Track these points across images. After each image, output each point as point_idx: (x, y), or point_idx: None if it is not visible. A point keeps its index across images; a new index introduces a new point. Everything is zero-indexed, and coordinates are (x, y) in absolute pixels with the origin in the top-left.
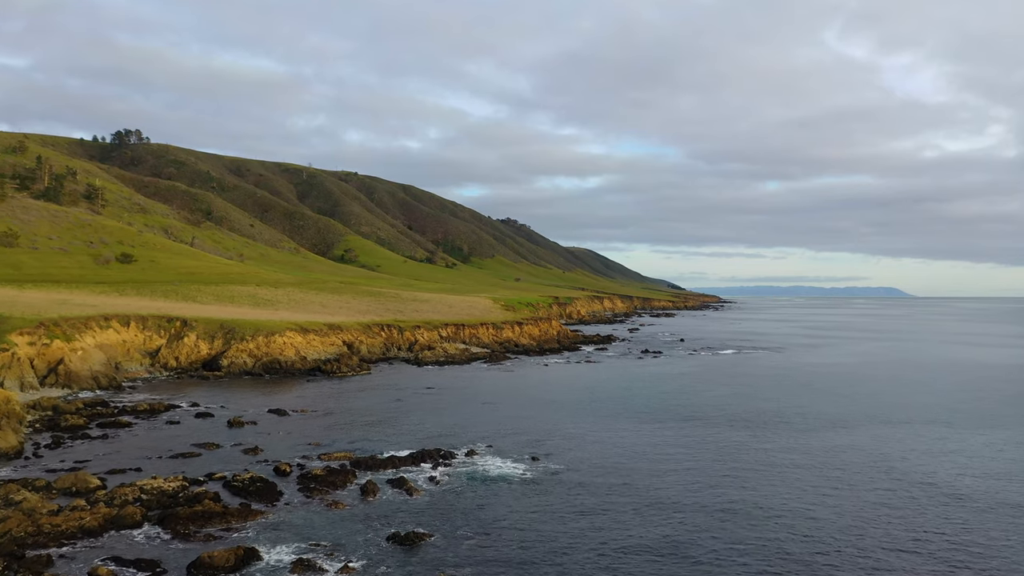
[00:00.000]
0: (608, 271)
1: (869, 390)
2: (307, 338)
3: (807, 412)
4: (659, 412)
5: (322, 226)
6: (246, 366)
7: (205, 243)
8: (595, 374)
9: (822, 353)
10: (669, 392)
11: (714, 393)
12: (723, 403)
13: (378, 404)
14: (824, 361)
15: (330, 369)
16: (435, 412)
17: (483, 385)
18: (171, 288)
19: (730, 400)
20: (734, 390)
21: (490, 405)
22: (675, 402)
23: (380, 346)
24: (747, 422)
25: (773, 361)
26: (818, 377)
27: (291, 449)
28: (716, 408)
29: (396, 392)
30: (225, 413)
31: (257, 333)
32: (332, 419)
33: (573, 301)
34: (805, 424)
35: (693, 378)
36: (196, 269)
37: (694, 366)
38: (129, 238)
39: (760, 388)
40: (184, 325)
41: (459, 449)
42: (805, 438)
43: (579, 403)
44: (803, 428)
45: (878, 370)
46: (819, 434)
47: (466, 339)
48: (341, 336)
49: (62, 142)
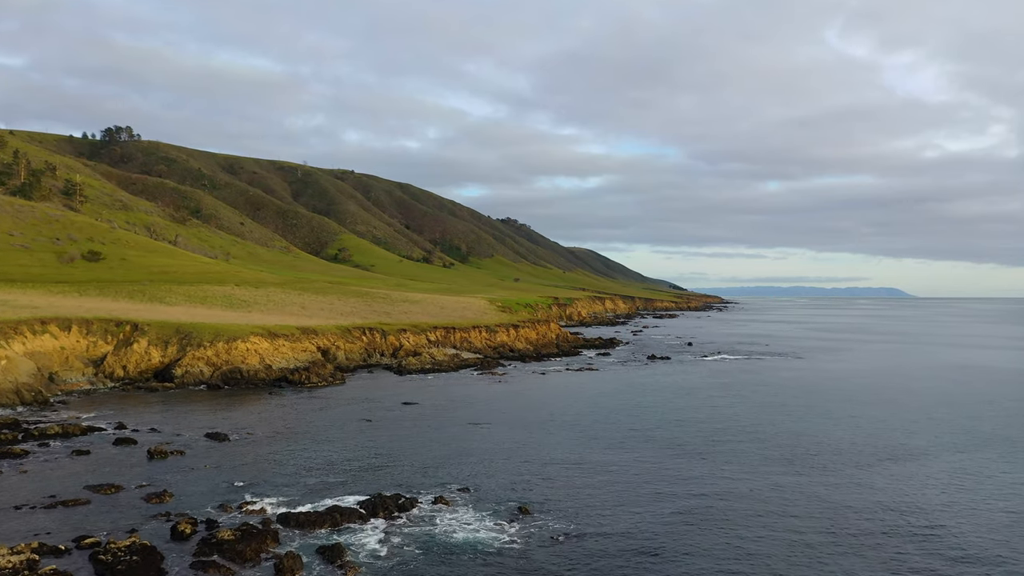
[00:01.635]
0: (609, 271)
1: (923, 405)
2: (275, 344)
3: (862, 438)
4: (679, 439)
5: (316, 225)
6: (203, 376)
7: (190, 241)
8: (599, 385)
9: (846, 359)
10: (687, 410)
11: (741, 411)
12: (756, 426)
13: (341, 425)
14: (851, 368)
15: (298, 379)
16: (406, 437)
17: (470, 399)
18: (138, 288)
19: (763, 421)
20: (764, 407)
21: (474, 427)
22: (697, 425)
23: (360, 352)
24: (795, 455)
25: (796, 370)
26: (855, 390)
27: (210, 493)
28: (749, 433)
29: (367, 408)
30: (152, 439)
31: (217, 338)
32: (279, 447)
33: (574, 302)
34: (867, 456)
35: (711, 390)
36: (171, 268)
37: (708, 375)
38: (100, 235)
39: (793, 405)
40: (135, 329)
41: (426, 494)
42: (875, 475)
43: (581, 425)
44: (866, 462)
45: (919, 380)
46: (891, 470)
47: (456, 343)
48: (316, 341)
49: (50, 139)
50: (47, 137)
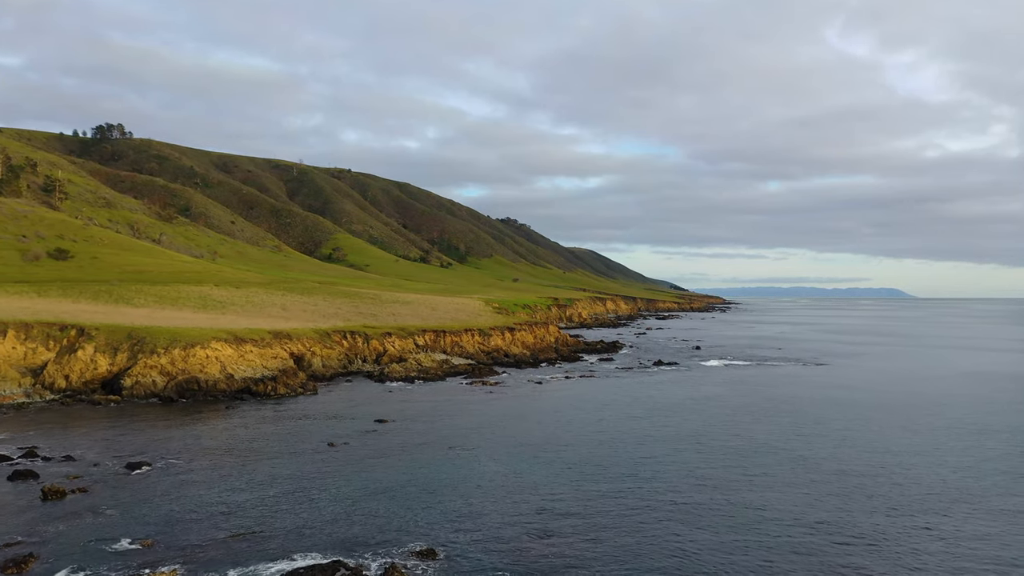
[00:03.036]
0: (610, 271)
1: (1003, 427)
2: (241, 350)
3: (955, 479)
4: (703, 472)
5: (310, 224)
6: (155, 387)
7: (176, 240)
8: (602, 396)
9: (871, 366)
10: (708, 432)
11: (776, 436)
12: (794, 453)
13: (293, 452)
14: (883, 377)
15: (263, 390)
16: (367, 470)
17: (454, 415)
18: (104, 288)
19: (800, 445)
20: (796, 427)
21: (453, 455)
22: (723, 452)
23: (339, 358)
24: (875, 504)
25: (820, 379)
26: (904, 406)
27: (89, 557)
28: (795, 466)
29: (333, 427)
30: (60, 470)
31: (173, 344)
32: (207, 483)
33: (574, 303)
34: (980, 502)
35: (732, 405)
36: (146, 267)
37: (725, 384)
38: (72, 232)
39: (834, 426)
40: (80, 334)
41: (375, 559)
42: (983, 523)
43: (583, 452)
44: (984, 509)
45: (967, 395)
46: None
47: (447, 348)
48: (289, 346)
49: (40, 136)
50: (36, 135)
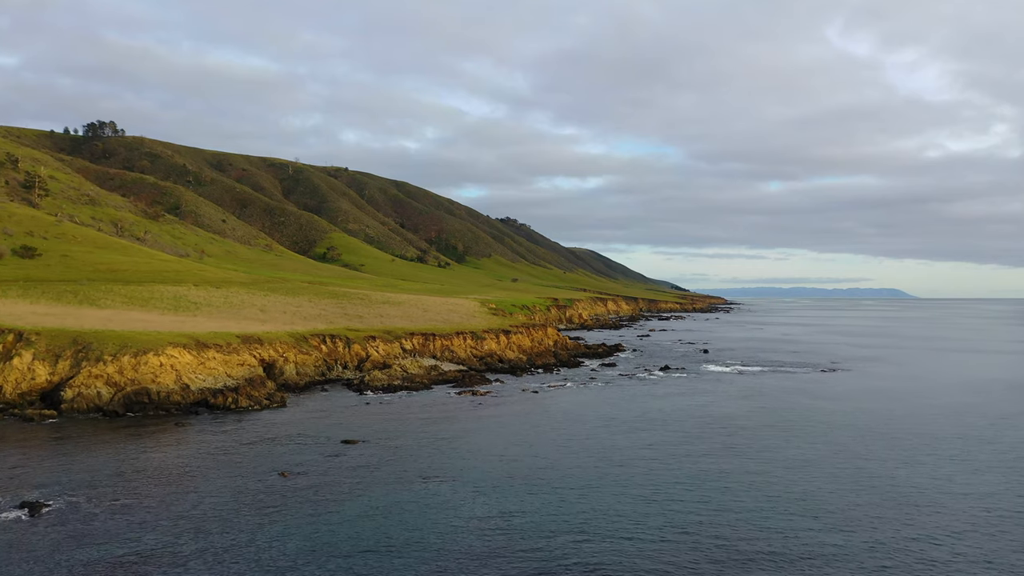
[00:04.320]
0: (611, 272)
1: None
2: (202, 356)
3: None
4: (732, 525)
5: (304, 223)
6: (99, 400)
7: (162, 238)
8: (605, 409)
9: (897, 373)
10: (731, 459)
11: (807, 457)
12: (846, 497)
13: (233, 487)
14: (920, 386)
15: (222, 402)
16: (320, 511)
17: (435, 434)
18: (70, 288)
19: (855, 481)
20: (841, 451)
21: (424, 492)
22: (753, 489)
23: (316, 364)
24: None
25: (846, 385)
26: (962, 426)
27: None
28: (847, 508)
29: (292, 451)
30: None
31: (123, 350)
32: (97, 539)
33: (574, 303)
34: None
35: (754, 422)
36: (121, 266)
37: (742, 395)
38: (43, 229)
39: (883, 455)
40: (19, 339)
41: None
42: None
43: (586, 486)
44: None
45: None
46: None
47: (436, 353)
48: (259, 352)
49: (30, 134)
50: (27, 132)
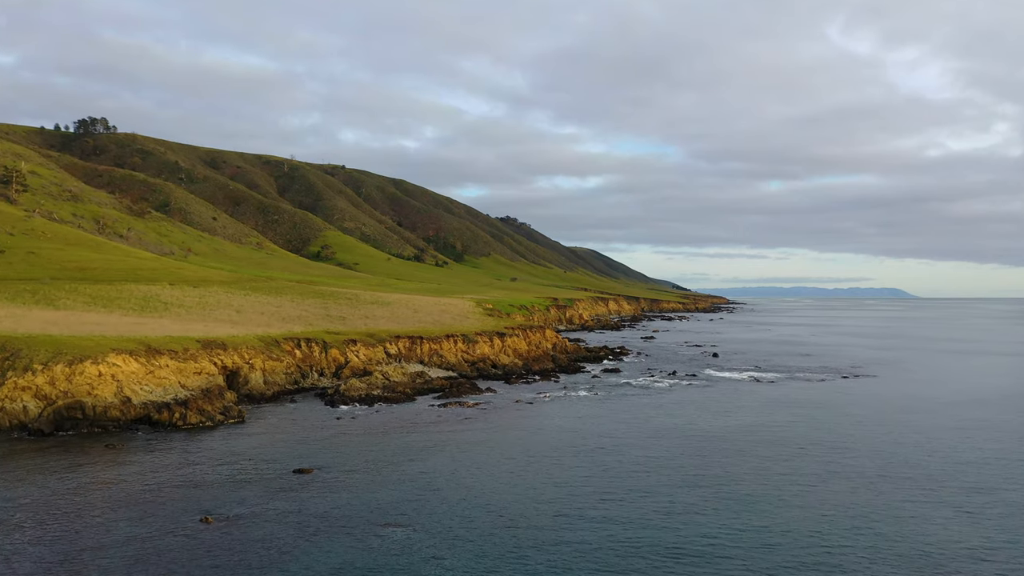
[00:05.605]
0: (612, 271)
1: None
2: (152, 365)
3: None
4: None
5: (299, 221)
6: (26, 416)
7: (146, 235)
8: (610, 425)
9: (927, 379)
10: (763, 489)
11: (853, 485)
12: (911, 541)
13: (136, 537)
14: (967, 396)
15: (168, 418)
16: (239, 570)
17: (408, 461)
18: (30, 288)
19: (920, 521)
20: (893, 480)
21: (386, 544)
22: (809, 547)
23: (288, 372)
24: None
25: (877, 394)
26: None
27: None
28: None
29: (226, 484)
30: None
31: (57, 358)
32: None
33: (574, 303)
34: None
35: (781, 440)
36: (93, 264)
37: (761, 406)
38: (10, 225)
39: (963, 495)
40: None
41: None
42: None
43: (590, 535)
44: None
45: None
46: None
47: (424, 357)
48: (222, 358)
49: (20, 131)
50: (16, 129)
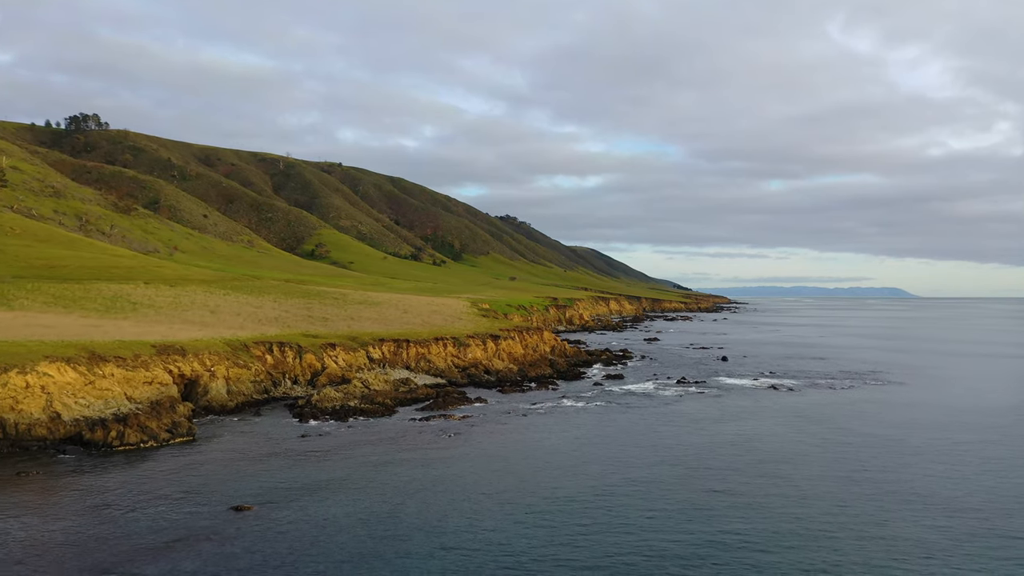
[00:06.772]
0: (612, 271)
1: None
2: (93, 374)
3: None
4: None
5: (293, 219)
6: None
7: (131, 232)
8: (613, 445)
9: (966, 388)
10: (798, 528)
11: (904, 519)
12: None
13: None
14: (1001, 406)
15: (102, 438)
16: None
17: (370, 496)
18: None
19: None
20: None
21: None
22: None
23: (256, 379)
24: None
25: (916, 403)
26: None
27: None
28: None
29: (144, 528)
30: None
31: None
32: None
33: (574, 303)
34: None
35: (808, 458)
36: (63, 261)
37: (783, 420)
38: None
39: None
40: None
41: None
42: None
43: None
44: None
45: None
46: None
47: (411, 362)
48: (179, 365)
49: (9, 127)
50: (5, 125)
